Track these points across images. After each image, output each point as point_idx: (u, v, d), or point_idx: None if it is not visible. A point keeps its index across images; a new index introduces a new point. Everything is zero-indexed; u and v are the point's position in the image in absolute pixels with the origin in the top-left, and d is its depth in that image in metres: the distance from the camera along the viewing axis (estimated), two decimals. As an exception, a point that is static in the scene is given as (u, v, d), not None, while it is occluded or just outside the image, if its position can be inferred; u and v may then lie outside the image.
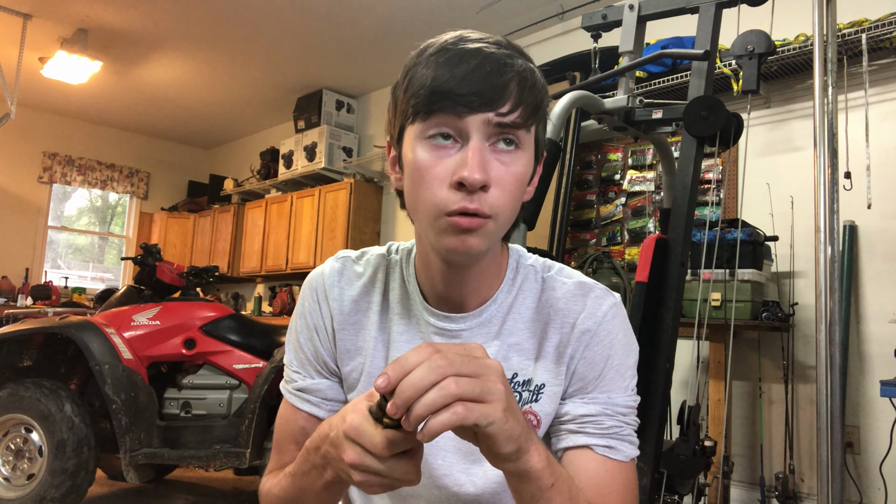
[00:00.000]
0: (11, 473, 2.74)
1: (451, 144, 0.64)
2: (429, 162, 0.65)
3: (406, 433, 0.52)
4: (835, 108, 1.81)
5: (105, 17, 4.51)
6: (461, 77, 0.62)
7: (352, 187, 5.34)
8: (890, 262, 2.76)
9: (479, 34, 0.67)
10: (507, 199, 0.65)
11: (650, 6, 2.21)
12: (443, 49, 0.65)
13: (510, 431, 0.53)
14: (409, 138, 0.67)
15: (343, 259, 0.83)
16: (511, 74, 0.64)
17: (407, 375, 0.50)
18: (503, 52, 0.65)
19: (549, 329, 0.76)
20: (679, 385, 3.11)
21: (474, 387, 0.50)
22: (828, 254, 1.71)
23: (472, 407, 0.50)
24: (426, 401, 0.49)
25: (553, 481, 0.58)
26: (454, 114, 0.63)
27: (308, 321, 0.81)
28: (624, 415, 0.74)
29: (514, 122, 0.64)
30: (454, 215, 0.64)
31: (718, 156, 3.28)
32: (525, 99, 0.64)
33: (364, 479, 0.55)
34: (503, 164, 0.65)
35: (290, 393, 0.81)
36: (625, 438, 0.73)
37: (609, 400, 0.73)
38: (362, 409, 0.55)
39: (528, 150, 0.67)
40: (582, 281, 0.78)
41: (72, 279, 6.79)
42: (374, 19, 4.40)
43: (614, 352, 0.74)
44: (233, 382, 2.92)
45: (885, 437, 2.60)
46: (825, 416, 1.67)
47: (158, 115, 6.59)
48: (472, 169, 0.61)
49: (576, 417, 0.73)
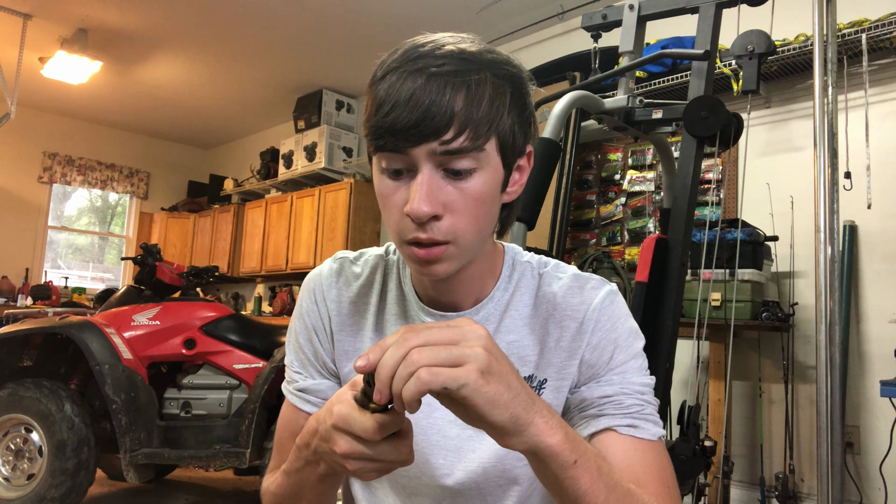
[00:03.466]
0: (11, 473, 2.74)
1: (404, 175, 0.65)
2: (387, 191, 0.66)
3: (394, 414, 0.53)
4: (835, 108, 1.82)
5: (105, 17, 4.52)
6: (402, 106, 0.61)
7: (352, 187, 5.35)
8: (890, 262, 2.76)
9: (435, 44, 0.64)
10: (465, 223, 0.65)
11: (650, 6, 2.21)
12: (391, 69, 0.63)
13: (493, 395, 0.50)
14: (374, 165, 0.68)
15: (341, 260, 0.83)
16: (456, 94, 0.61)
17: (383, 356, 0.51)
18: (449, 69, 0.62)
19: (549, 324, 0.76)
20: (679, 385, 3.12)
21: (439, 352, 0.50)
22: (828, 254, 1.71)
23: (436, 371, 0.49)
24: (397, 376, 0.50)
25: (576, 458, 0.55)
26: (398, 151, 0.63)
27: (307, 322, 0.81)
28: (642, 393, 0.71)
29: (462, 146, 0.62)
30: (412, 244, 0.65)
31: (718, 156, 3.28)
32: (472, 117, 0.62)
33: (358, 467, 0.55)
34: (458, 188, 0.64)
35: (291, 393, 0.81)
36: (647, 418, 0.70)
37: (624, 380, 0.72)
38: (348, 398, 0.55)
39: (489, 164, 0.65)
40: (577, 274, 0.78)
41: (72, 279, 6.79)
42: (374, 19, 4.40)
43: (619, 335, 0.74)
44: (233, 382, 2.92)
45: (885, 437, 2.60)
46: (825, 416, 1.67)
47: (158, 115, 6.59)
48: (419, 202, 0.62)
49: (594, 401, 0.71)
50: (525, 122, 0.69)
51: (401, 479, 0.79)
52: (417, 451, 0.76)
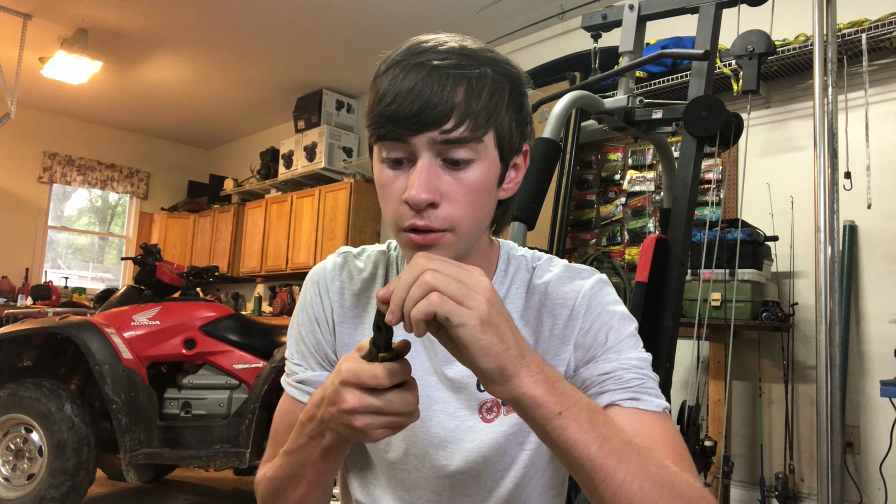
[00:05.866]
0: (11, 473, 2.74)
1: (404, 164, 0.67)
2: (386, 180, 0.68)
3: (402, 363, 0.57)
4: (835, 108, 1.82)
5: (105, 17, 4.52)
6: (404, 96, 0.63)
7: (352, 187, 5.35)
8: (890, 262, 2.75)
9: (437, 41, 0.67)
10: (463, 211, 0.67)
11: (650, 6, 2.21)
12: (395, 63, 0.66)
13: (486, 344, 0.52)
14: (374, 155, 0.71)
15: (344, 254, 0.86)
16: (457, 86, 0.64)
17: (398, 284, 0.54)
18: (451, 63, 0.64)
19: (542, 314, 0.77)
20: (679, 385, 3.11)
21: (450, 283, 0.52)
22: (828, 254, 1.71)
23: (446, 299, 0.52)
24: (410, 296, 0.53)
25: (561, 409, 0.55)
26: (399, 139, 0.65)
27: (309, 313, 0.83)
28: (641, 368, 0.72)
29: (462, 136, 0.64)
30: (408, 231, 0.67)
31: (718, 156, 3.28)
32: (472, 109, 0.64)
33: (367, 422, 0.57)
34: (455, 178, 0.66)
35: (290, 385, 0.82)
36: (648, 391, 0.70)
37: (621, 357, 0.73)
38: (354, 356, 0.59)
39: (486, 156, 0.67)
40: (568, 265, 0.80)
41: (72, 279, 6.79)
42: (374, 19, 4.40)
43: (611, 317, 0.75)
44: (233, 382, 2.92)
45: (885, 437, 2.60)
46: (825, 416, 1.67)
47: (158, 115, 6.59)
48: (418, 189, 0.64)
49: (594, 379, 0.72)
50: (522, 120, 0.71)
51: (399, 474, 0.79)
52: (417, 444, 0.77)
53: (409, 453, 0.78)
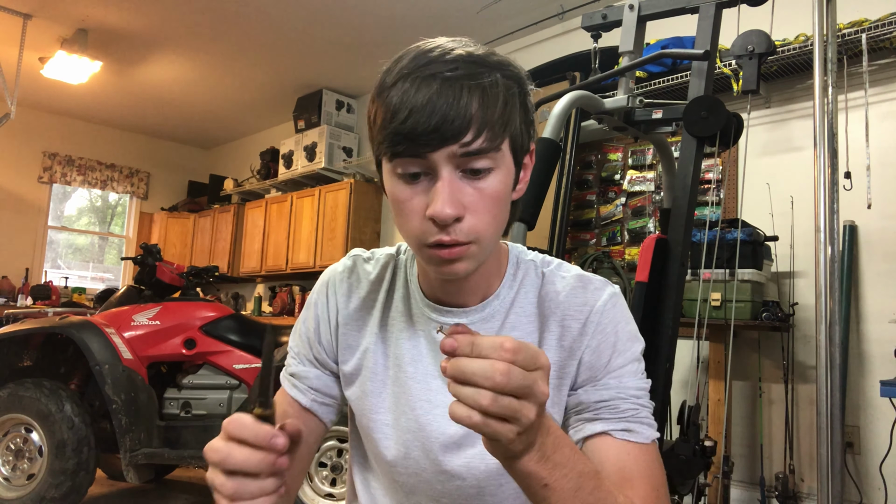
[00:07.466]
0: (11, 473, 2.74)
1: (422, 179, 0.65)
2: (404, 196, 0.66)
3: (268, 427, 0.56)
4: (835, 108, 1.81)
5: (105, 17, 4.51)
6: (419, 111, 0.61)
7: (352, 187, 5.34)
8: (890, 262, 2.75)
9: (442, 48, 0.65)
10: (486, 221, 0.66)
11: (650, 6, 2.20)
12: (403, 75, 0.64)
13: (507, 446, 0.53)
14: (386, 171, 0.68)
15: (354, 257, 0.87)
16: (472, 97, 0.62)
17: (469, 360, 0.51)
18: (462, 73, 0.63)
19: (550, 322, 0.77)
20: (679, 385, 3.11)
21: (503, 405, 0.50)
22: (828, 254, 1.71)
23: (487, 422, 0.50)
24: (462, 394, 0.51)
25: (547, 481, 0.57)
26: (417, 156, 0.63)
27: (314, 311, 0.85)
28: (638, 397, 0.73)
29: (482, 147, 0.63)
30: (433, 247, 0.66)
31: (718, 156, 3.28)
32: (489, 118, 0.63)
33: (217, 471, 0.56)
34: (477, 189, 0.65)
35: (283, 377, 0.86)
36: (642, 421, 0.72)
37: (620, 384, 0.73)
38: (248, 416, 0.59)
39: (504, 163, 0.67)
40: (580, 274, 0.80)
41: (72, 279, 6.79)
42: (374, 19, 4.40)
43: (619, 338, 0.75)
44: (233, 382, 2.92)
45: (885, 437, 2.60)
46: (825, 416, 1.67)
47: (158, 115, 6.59)
48: (443, 205, 0.62)
49: (590, 405, 0.73)
50: (529, 120, 0.71)
51: (399, 478, 0.79)
52: (419, 449, 0.77)
53: (410, 456, 0.78)
